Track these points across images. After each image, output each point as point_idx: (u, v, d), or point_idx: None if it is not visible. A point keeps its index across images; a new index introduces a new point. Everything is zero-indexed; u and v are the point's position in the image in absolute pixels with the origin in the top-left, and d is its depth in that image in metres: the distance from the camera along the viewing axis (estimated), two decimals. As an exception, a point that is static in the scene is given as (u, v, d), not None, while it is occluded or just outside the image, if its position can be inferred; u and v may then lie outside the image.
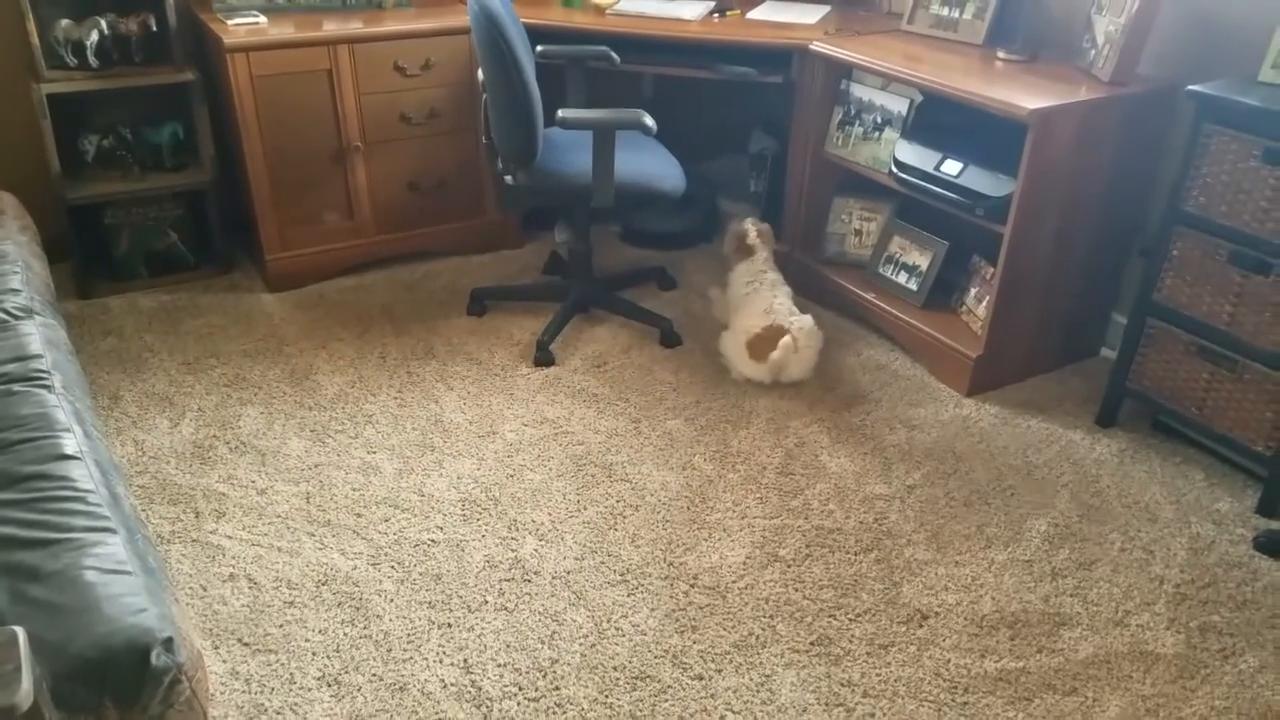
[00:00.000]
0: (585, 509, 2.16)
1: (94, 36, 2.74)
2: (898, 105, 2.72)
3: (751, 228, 2.88)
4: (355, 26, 2.85)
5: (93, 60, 2.76)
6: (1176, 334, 2.27)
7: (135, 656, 1.19)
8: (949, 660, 1.81)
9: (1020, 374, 2.65)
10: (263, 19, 2.82)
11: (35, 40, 2.66)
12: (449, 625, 1.85)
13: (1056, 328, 2.65)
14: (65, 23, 2.72)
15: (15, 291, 1.95)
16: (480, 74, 2.53)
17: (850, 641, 1.84)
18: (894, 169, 2.66)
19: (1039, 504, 2.21)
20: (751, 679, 1.76)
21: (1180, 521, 2.17)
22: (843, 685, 1.75)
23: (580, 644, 1.82)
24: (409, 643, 1.81)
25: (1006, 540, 2.10)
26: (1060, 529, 2.14)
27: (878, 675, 1.78)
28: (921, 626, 1.88)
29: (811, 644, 1.84)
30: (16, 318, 1.88)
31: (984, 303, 2.60)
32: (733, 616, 1.89)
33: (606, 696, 1.72)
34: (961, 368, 2.59)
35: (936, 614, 1.91)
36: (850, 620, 1.89)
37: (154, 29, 2.81)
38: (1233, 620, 1.91)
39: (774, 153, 3.25)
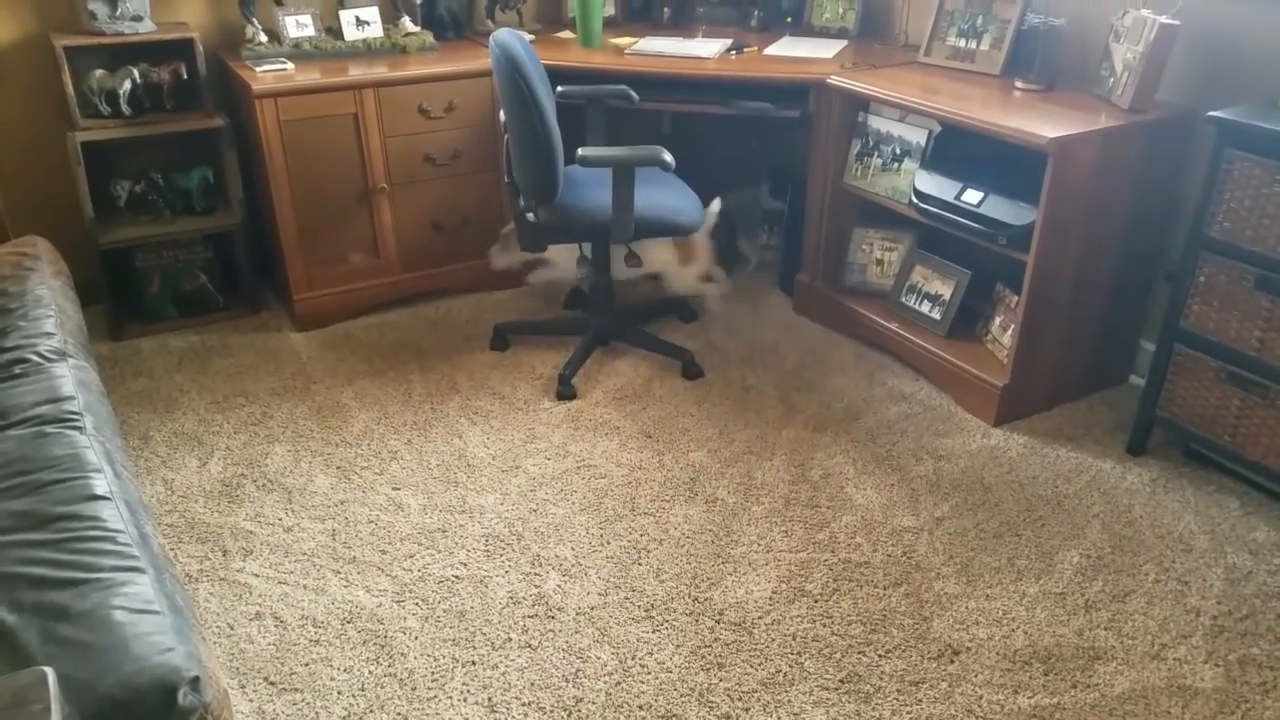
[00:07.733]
0: (608, 544, 2.15)
1: (126, 85, 2.82)
2: (916, 136, 2.72)
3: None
4: (380, 71, 2.91)
5: (125, 108, 2.84)
6: (1205, 360, 2.24)
7: (162, 696, 1.19)
8: (981, 697, 1.77)
9: (1048, 403, 2.62)
10: (290, 65, 2.88)
11: (70, 90, 2.74)
12: (473, 663, 1.84)
13: (1083, 355, 2.62)
14: (99, 73, 2.80)
15: (49, 335, 1.99)
16: (502, 115, 2.57)
17: (880, 678, 1.81)
18: (914, 199, 2.66)
19: (1070, 535, 2.17)
20: (780, 718, 1.73)
21: (1216, 551, 2.12)
22: (872, 722, 1.72)
23: (605, 682, 1.80)
24: (433, 681, 1.80)
25: (1038, 572, 2.07)
26: (1093, 560, 2.10)
27: (909, 713, 1.74)
28: (953, 662, 1.85)
29: (841, 681, 1.81)
30: (50, 360, 1.91)
31: (1009, 331, 2.58)
32: (759, 653, 1.87)
33: (632, 735, 1.70)
34: (988, 397, 2.56)
35: (968, 649, 1.88)
36: (880, 656, 1.86)
37: (184, 77, 2.88)
38: (1273, 653, 1.86)
39: (784, 212, 3.28)
